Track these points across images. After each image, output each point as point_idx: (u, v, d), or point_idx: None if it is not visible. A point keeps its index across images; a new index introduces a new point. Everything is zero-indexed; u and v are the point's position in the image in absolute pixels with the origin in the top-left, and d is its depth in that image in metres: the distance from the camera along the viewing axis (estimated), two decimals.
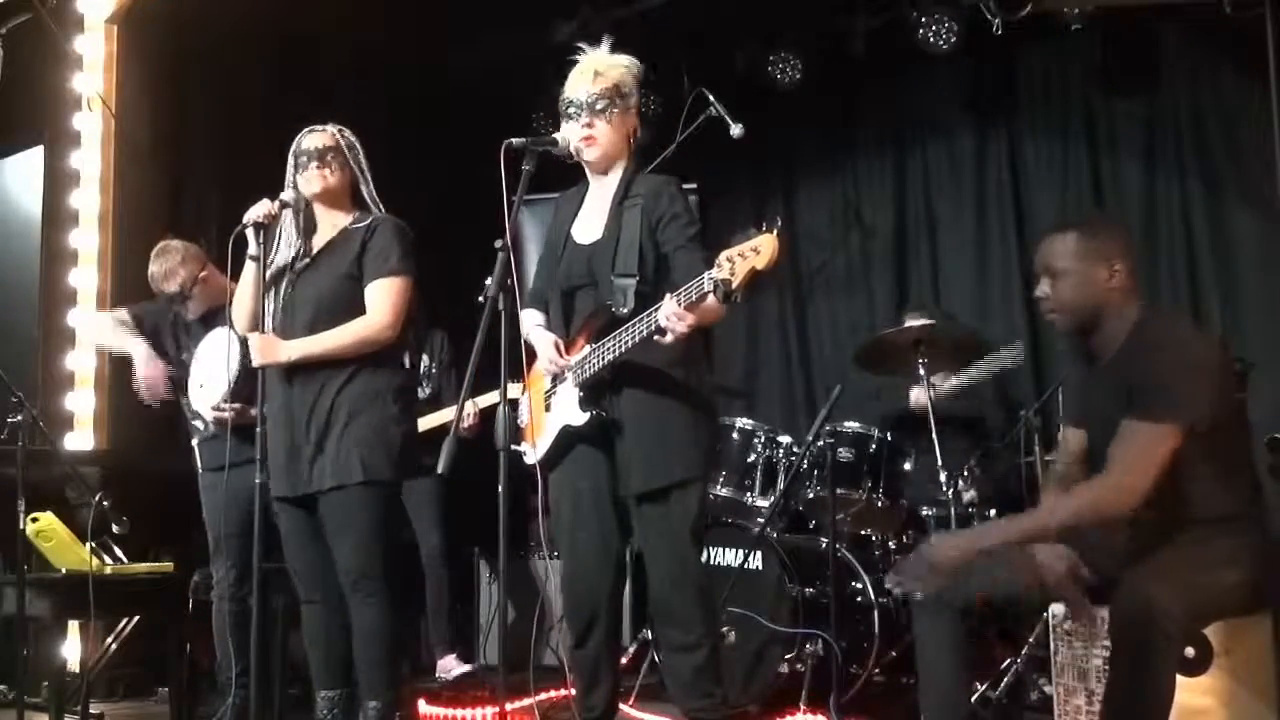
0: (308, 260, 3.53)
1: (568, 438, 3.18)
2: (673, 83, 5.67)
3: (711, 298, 2.80)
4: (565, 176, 3.38)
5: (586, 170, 3.30)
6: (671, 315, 2.85)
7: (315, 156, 3.48)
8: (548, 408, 3.24)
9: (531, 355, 3.25)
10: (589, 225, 3.25)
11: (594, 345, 3.10)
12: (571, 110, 3.19)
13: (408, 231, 3.53)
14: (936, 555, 2.72)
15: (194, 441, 4.22)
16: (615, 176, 3.25)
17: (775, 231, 2.73)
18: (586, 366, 3.12)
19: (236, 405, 3.83)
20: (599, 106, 3.17)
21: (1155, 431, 2.68)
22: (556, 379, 3.21)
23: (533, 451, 3.27)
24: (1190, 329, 3.25)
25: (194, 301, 4.27)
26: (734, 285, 2.72)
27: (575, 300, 3.24)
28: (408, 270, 3.46)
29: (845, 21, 5.81)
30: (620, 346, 3.02)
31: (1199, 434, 2.68)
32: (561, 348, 3.18)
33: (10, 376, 4.07)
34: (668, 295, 2.89)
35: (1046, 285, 2.92)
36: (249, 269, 3.51)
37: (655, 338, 2.91)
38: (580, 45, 3.30)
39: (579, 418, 3.13)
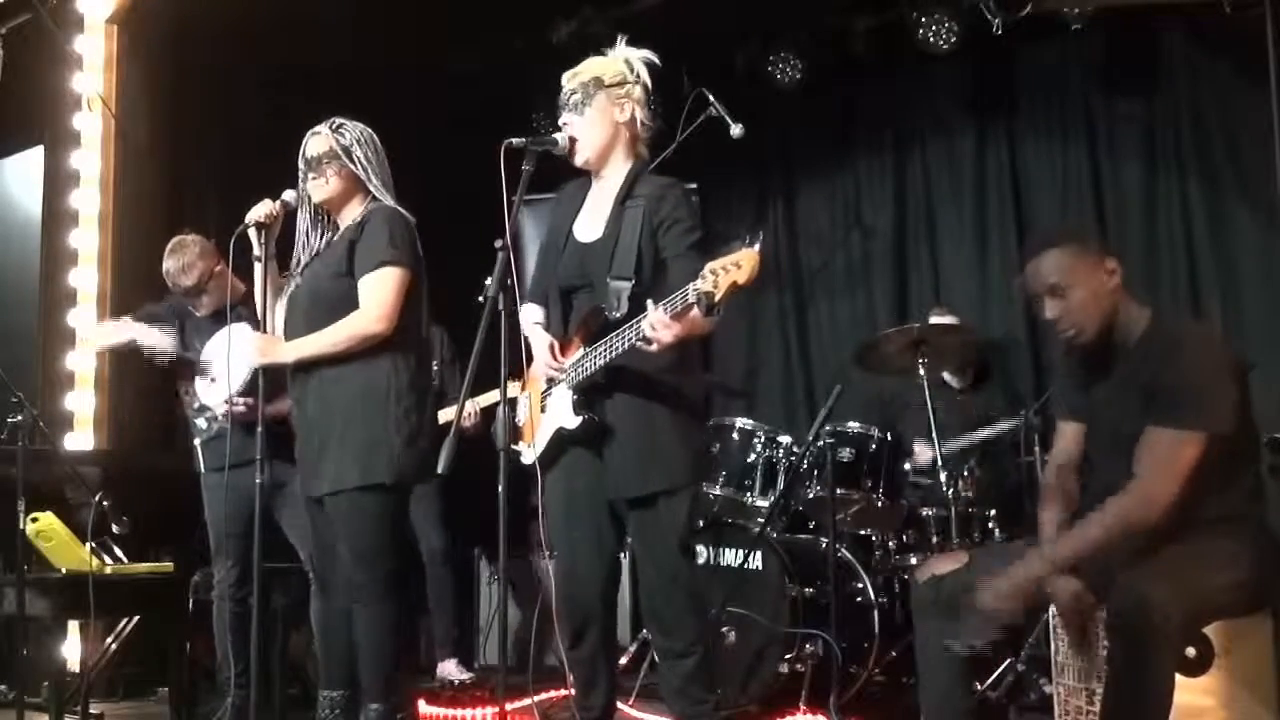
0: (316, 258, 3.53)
1: (561, 440, 3.17)
2: (673, 83, 5.65)
3: (696, 309, 2.77)
4: (565, 176, 3.37)
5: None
6: (657, 324, 2.82)
7: (312, 165, 3.45)
8: (544, 408, 3.23)
9: (530, 353, 3.24)
10: (590, 223, 3.23)
11: (587, 349, 3.09)
12: (559, 113, 3.19)
13: (401, 218, 3.42)
14: (994, 607, 2.74)
15: (195, 442, 4.22)
16: (617, 173, 3.21)
17: (756, 247, 2.70)
18: (580, 370, 3.10)
19: (250, 400, 3.77)
20: (572, 101, 3.16)
21: (1180, 439, 2.69)
22: (552, 380, 3.20)
23: (530, 451, 3.26)
24: (1208, 330, 3.23)
25: (208, 296, 4.23)
26: (716, 299, 2.70)
27: (574, 300, 3.22)
28: (399, 260, 3.34)
29: (845, 21, 5.81)
30: (611, 352, 3.00)
31: (1218, 438, 2.68)
32: (557, 349, 3.17)
33: (10, 376, 4.08)
34: (650, 303, 2.85)
35: (1056, 305, 2.86)
36: (257, 270, 3.51)
37: (640, 345, 2.88)
38: (604, 50, 3.27)
39: (571, 421, 3.12)
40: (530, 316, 3.29)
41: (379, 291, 3.34)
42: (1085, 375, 3.01)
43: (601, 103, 3.16)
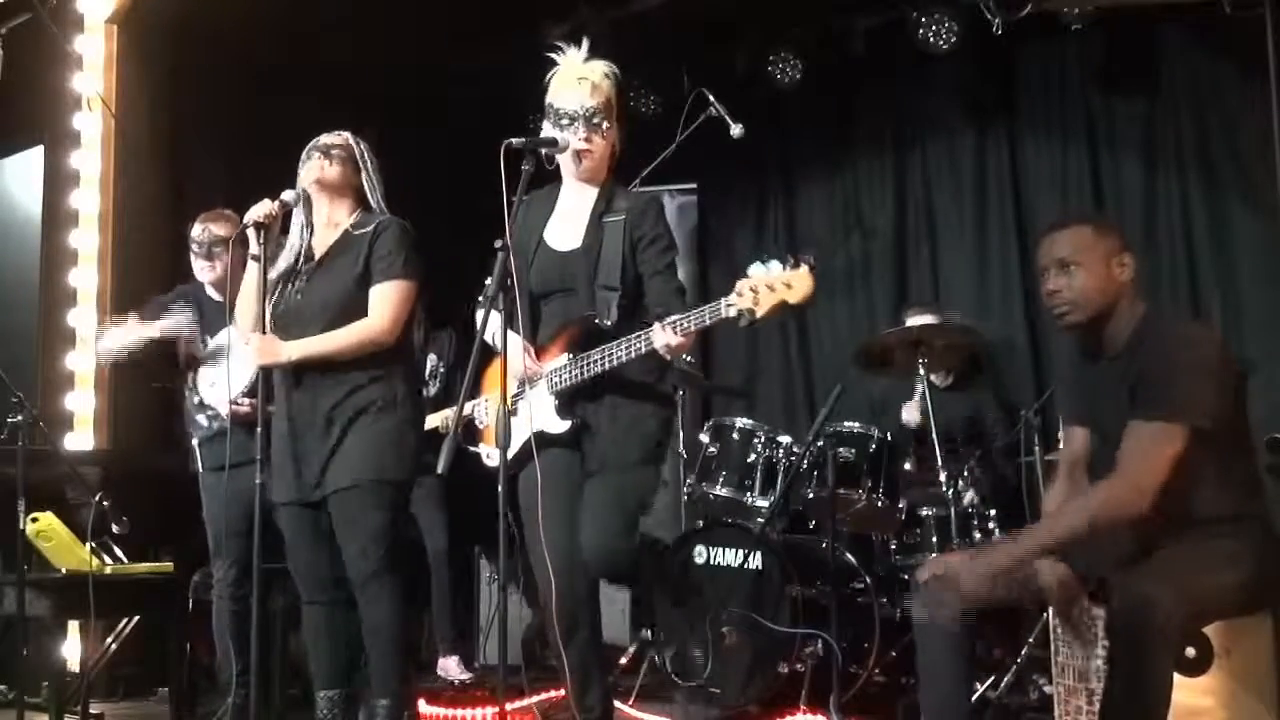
0: (313, 263, 3.53)
1: (540, 443, 3.16)
2: (673, 83, 5.67)
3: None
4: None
5: (566, 176, 3.29)
6: (664, 347, 2.94)
7: (320, 150, 3.51)
8: (514, 411, 3.22)
9: (489, 358, 3.20)
10: (565, 232, 3.25)
11: (573, 355, 3.10)
12: (564, 121, 3.18)
13: (411, 233, 3.52)
14: (964, 586, 2.71)
15: (194, 441, 4.21)
16: (595, 185, 3.26)
17: (805, 269, 2.76)
18: (565, 375, 3.11)
19: (254, 400, 3.72)
20: (595, 120, 3.17)
21: (1161, 431, 2.68)
22: (524, 383, 3.20)
23: (493, 454, 3.25)
24: (1196, 327, 3.24)
25: (220, 263, 4.15)
26: (759, 316, 2.77)
27: (546, 305, 3.24)
28: (412, 274, 3.46)
29: (845, 21, 5.82)
30: (607, 361, 3.04)
31: (1203, 434, 2.68)
32: (533, 352, 3.18)
33: (10, 376, 4.07)
34: (657, 325, 2.93)
35: (1061, 278, 2.87)
36: (251, 269, 3.50)
37: (661, 351, 2.96)
38: (559, 45, 3.29)
39: (558, 425, 3.14)
40: (494, 321, 3.28)
41: (392, 302, 3.43)
42: (1082, 369, 3.01)
43: (613, 125, 3.22)
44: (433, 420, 4.74)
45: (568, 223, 3.26)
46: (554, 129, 3.19)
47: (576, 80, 3.19)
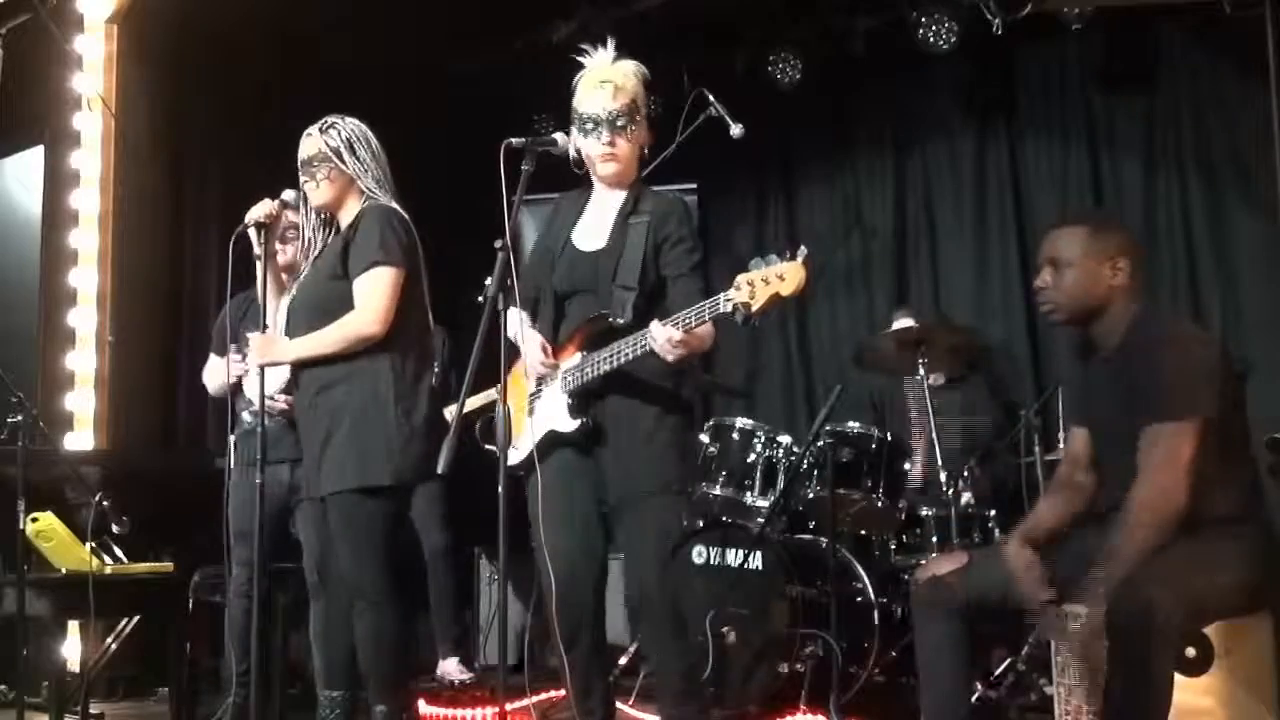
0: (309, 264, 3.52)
1: (551, 442, 3.16)
2: (673, 83, 5.66)
3: (705, 325, 2.88)
4: (565, 176, 3.37)
5: (595, 180, 3.28)
6: (665, 343, 2.89)
7: (304, 169, 3.43)
8: (530, 411, 3.22)
9: (511, 357, 3.14)
10: (591, 233, 3.24)
11: (586, 354, 3.10)
12: (589, 126, 3.16)
13: (394, 215, 3.37)
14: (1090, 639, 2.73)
15: (231, 437, 4.16)
16: (623, 187, 3.25)
17: (802, 259, 2.75)
18: (578, 374, 3.11)
19: (290, 396, 3.64)
20: (619, 124, 3.15)
21: (1178, 430, 2.70)
22: (540, 382, 3.20)
23: (512, 453, 3.21)
24: (1188, 325, 3.25)
25: (289, 248, 3.99)
26: (754, 309, 2.76)
27: (569, 305, 3.23)
28: (393, 260, 3.28)
29: (845, 21, 5.82)
30: (615, 360, 3.03)
31: (1213, 425, 2.69)
32: (549, 350, 3.18)
33: (10, 376, 4.07)
34: (655, 322, 2.91)
35: (1049, 275, 2.92)
36: (258, 269, 3.50)
37: (661, 354, 2.93)
38: (584, 48, 3.28)
39: (568, 424, 3.12)
40: (517, 319, 3.27)
41: (372, 292, 3.30)
42: (1079, 368, 3.02)
43: (640, 126, 3.20)
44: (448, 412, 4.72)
45: (595, 223, 3.25)
46: (579, 134, 3.18)
47: (599, 84, 3.16)
